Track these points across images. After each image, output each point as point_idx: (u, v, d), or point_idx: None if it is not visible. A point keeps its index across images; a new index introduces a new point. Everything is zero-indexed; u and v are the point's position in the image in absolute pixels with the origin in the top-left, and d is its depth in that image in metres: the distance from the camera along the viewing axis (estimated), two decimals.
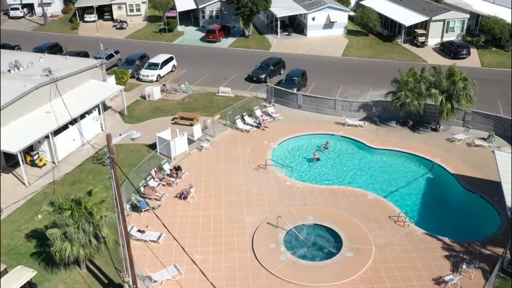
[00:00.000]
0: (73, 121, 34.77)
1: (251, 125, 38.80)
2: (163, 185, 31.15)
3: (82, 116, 36.10)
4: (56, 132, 33.49)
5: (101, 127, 38.34)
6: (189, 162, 34.24)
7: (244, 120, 39.40)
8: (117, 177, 19.17)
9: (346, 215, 27.99)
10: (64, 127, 34.50)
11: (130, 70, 49.98)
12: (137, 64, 51.38)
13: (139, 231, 26.40)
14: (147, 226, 27.30)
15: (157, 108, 42.84)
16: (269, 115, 40.58)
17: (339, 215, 28.02)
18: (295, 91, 43.85)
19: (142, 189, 29.95)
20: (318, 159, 34.50)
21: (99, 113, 38.02)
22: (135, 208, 28.87)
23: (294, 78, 46.05)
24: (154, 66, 50.05)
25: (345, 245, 25.55)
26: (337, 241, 26.03)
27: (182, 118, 39.64)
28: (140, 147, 36.02)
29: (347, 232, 26.50)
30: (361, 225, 27.16)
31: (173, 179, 31.50)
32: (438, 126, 38.01)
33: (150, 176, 31.19)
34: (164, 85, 46.41)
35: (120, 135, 20.43)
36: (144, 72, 49.63)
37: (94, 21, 72.78)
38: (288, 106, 42.64)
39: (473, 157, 34.16)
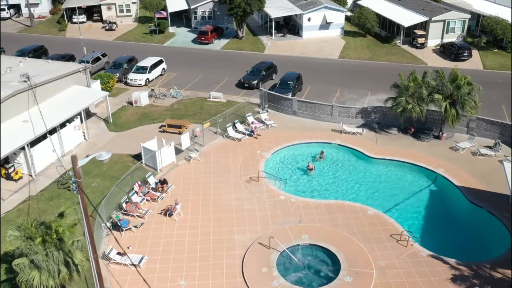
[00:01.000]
0: (52, 131, 32.54)
1: (243, 133, 36.63)
2: (147, 200, 28.94)
3: (63, 125, 33.88)
4: (34, 142, 31.22)
5: (84, 136, 36.10)
6: (177, 174, 32.04)
7: (235, 127, 37.23)
8: (85, 204, 16.95)
9: (344, 234, 25.84)
10: (43, 137, 32.24)
11: (118, 74, 47.76)
12: (125, 67, 49.13)
13: (118, 253, 24.16)
14: (128, 248, 25.07)
15: (144, 114, 40.61)
16: (262, 122, 38.42)
17: (336, 233, 25.87)
18: (289, 96, 41.74)
19: (124, 205, 27.73)
20: (312, 169, 32.42)
21: (81, 121, 35.77)
22: (116, 226, 26.63)
23: (288, 82, 43.90)
24: (142, 69, 47.81)
25: (344, 269, 23.40)
26: (335, 264, 23.88)
27: (170, 126, 37.44)
28: (124, 158, 33.79)
29: (345, 253, 24.36)
30: (360, 245, 25.02)
31: (158, 194, 29.30)
32: (441, 133, 35.93)
33: (133, 191, 28.96)
34: (152, 90, 44.17)
35: (87, 156, 18.33)
36: (132, 76, 47.39)
37: (83, 22, 70.70)
38: (283, 112, 40.50)
39: (479, 167, 32.10)
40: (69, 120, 34.62)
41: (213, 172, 32.10)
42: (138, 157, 33.10)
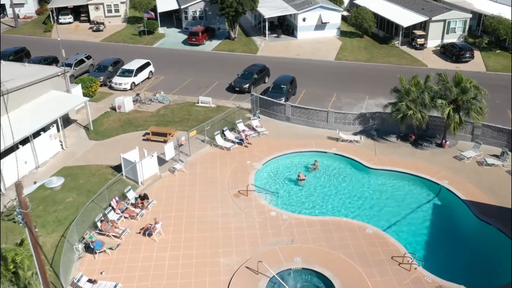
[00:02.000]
0: (26, 140, 30.06)
1: (233, 142, 34.20)
2: (125, 217, 26.45)
3: (38, 134, 31.39)
4: (3, 154, 28.69)
5: (61, 145, 33.59)
6: (159, 187, 29.58)
7: (224, 135, 34.79)
8: (34, 240, 14.46)
9: (340, 256, 23.43)
10: (16, 147, 29.71)
11: (102, 77, 45.23)
12: (110, 70, 46.60)
13: (89, 281, 21.68)
14: (101, 273, 22.60)
15: (128, 121, 38.11)
16: (253, 129, 36.01)
17: (332, 256, 23.46)
18: (283, 100, 39.34)
19: (99, 224, 25.24)
20: (303, 180, 30.06)
21: (58, 130, 33.25)
22: (89, 248, 24.13)
23: (282, 85, 41.48)
24: (128, 73, 45.29)
25: None
26: None
27: (154, 134, 34.96)
28: (104, 169, 31.30)
29: (342, 278, 21.94)
30: (358, 269, 22.61)
31: (137, 211, 26.82)
32: (444, 141, 33.58)
33: (110, 208, 26.49)
34: (137, 94, 41.68)
35: (35, 183, 15.87)
36: (116, 79, 44.86)
37: (70, 22, 68.20)
38: (275, 118, 38.10)
39: (486, 179, 29.78)
40: (45, 129, 32.15)
41: (199, 185, 29.66)
42: (118, 168, 30.61)
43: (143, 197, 27.44)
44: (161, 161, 31.51)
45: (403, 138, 34.75)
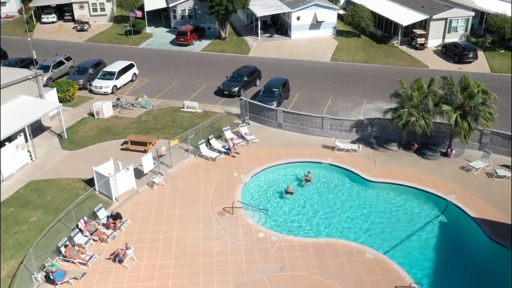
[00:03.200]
0: None
1: (219, 151, 31.27)
2: (94, 240, 23.48)
3: (3, 144, 28.43)
4: None
5: (30, 156, 30.58)
6: (135, 204, 26.61)
7: (210, 144, 31.86)
8: None
9: (336, 287, 20.52)
10: None
11: (81, 80, 42.25)
12: (90, 73, 43.58)
13: None
14: None
15: (106, 128, 35.11)
16: (241, 136, 33.08)
17: (327, 286, 20.55)
18: (274, 105, 36.43)
19: (62, 249, 22.27)
20: (291, 193, 27.22)
21: (27, 139, 30.24)
22: (50, 278, 21.16)
23: (274, 89, 38.54)
24: (109, 75, 42.29)
25: None
26: None
27: (133, 143, 31.98)
28: (75, 184, 28.32)
29: None
30: None
31: (108, 232, 23.86)
32: (449, 150, 30.74)
33: (77, 229, 23.52)
34: (118, 99, 38.68)
35: None
36: (97, 82, 41.85)
37: (53, 22, 65.16)
38: (266, 125, 35.20)
39: (497, 192, 26.96)
40: (11, 138, 29.17)
41: (180, 201, 26.70)
42: (92, 182, 27.63)
43: (116, 217, 24.48)
44: (139, 174, 28.57)
45: (404, 146, 31.92)
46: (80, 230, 23.61)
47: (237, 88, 40.57)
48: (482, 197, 26.59)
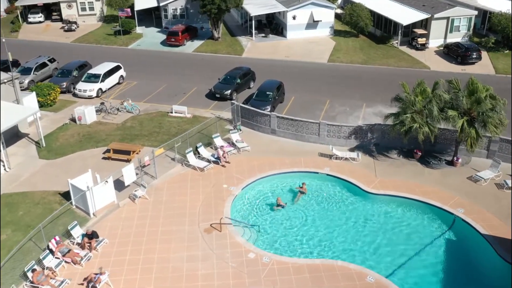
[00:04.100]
0: None
1: (208, 160, 29.08)
2: (66, 262, 21.26)
3: None
4: None
5: (3, 166, 28.31)
6: (115, 220, 24.39)
7: (198, 153, 29.65)
8: None
9: None
10: None
11: (64, 83, 40.01)
12: (74, 75, 41.31)
13: None
14: None
15: (88, 135, 32.88)
16: (233, 144, 30.90)
17: None
18: (268, 109, 34.28)
19: (29, 274, 20.04)
20: (282, 206, 25.09)
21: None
22: None
23: (267, 92, 36.33)
24: (94, 78, 40.02)
25: None
26: None
27: (116, 151, 29.77)
28: (51, 197, 26.10)
29: None
30: None
31: (83, 253, 21.64)
32: (455, 158, 28.60)
33: (47, 251, 21.30)
34: (102, 103, 36.46)
35: None
36: (81, 86, 39.56)
37: (40, 22, 62.86)
38: (259, 131, 33.03)
39: (508, 206, 24.81)
40: None
41: (164, 216, 24.49)
42: (69, 195, 25.38)
43: (91, 236, 22.25)
44: (121, 186, 26.35)
45: (407, 154, 29.79)
46: (51, 251, 21.39)
47: (229, 91, 38.39)
48: (492, 211, 24.49)
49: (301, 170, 28.30)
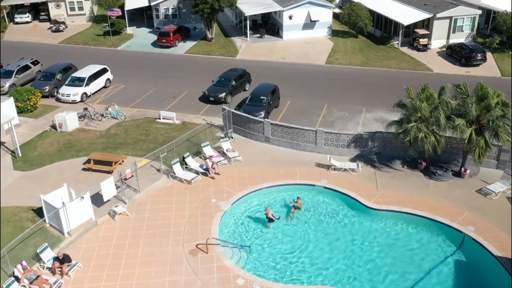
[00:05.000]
0: None
1: (196, 172, 26.92)
2: None
3: None
4: None
5: None
6: (92, 240, 22.21)
7: (185, 164, 27.48)
8: None
9: None
10: None
11: (47, 87, 37.82)
12: (58, 78, 39.11)
13: None
14: None
15: (69, 143, 30.71)
16: (223, 153, 28.75)
17: None
18: (262, 115, 32.19)
19: None
20: (272, 220, 22.97)
21: None
22: None
23: (261, 97, 34.17)
24: (78, 81, 37.83)
25: None
26: None
27: (96, 162, 27.59)
28: (23, 214, 23.92)
29: None
30: None
31: (52, 280, 19.45)
32: (463, 169, 26.49)
33: (11, 278, 19.12)
34: (85, 108, 34.28)
35: None
36: (64, 90, 37.37)
37: (28, 22, 60.64)
38: (252, 138, 30.90)
39: None
40: None
41: (145, 236, 22.33)
42: (43, 211, 23.20)
43: (63, 260, 20.05)
44: (100, 201, 24.17)
45: (410, 164, 27.67)
46: (17, 278, 19.21)
47: (224, 94, 36.33)
48: (505, 228, 22.37)
49: (296, 183, 26.17)
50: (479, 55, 43.89)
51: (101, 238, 22.26)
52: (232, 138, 30.66)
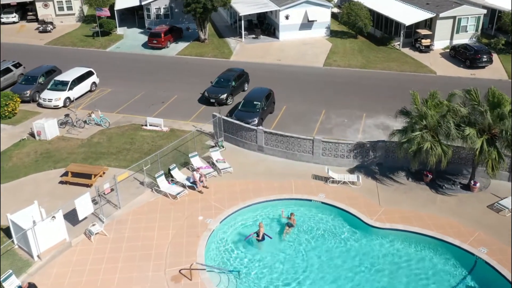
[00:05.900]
0: None
1: (182, 185, 24.78)
2: None
3: None
4: None
5: None
6: (64, 264, 20.05)
7: (171, 176, 25.32)
8: None
9: None
10: None
11: (28, 91, 35.67)
12: (40, 82, 36.93)
13: None
14: None
15: (47, 153, 28.54)
16: (212, 164, 26.62)
17: None
18: (256, 121, 30.09)
19: None
20: (262, 239, 20.91)
21: None
22: None
23: (255, 102, 32.04)
24: (61, 85, 35.66)
25: None
26: None
27: (75, 174, 25.43)
28: None
29: None
30: None
31: None
32: (472, 183, 24.37)
33: None
34: (67, 115, 32.11)
35: None
36: (46, 94, 35.20)
37: (14, 22, 58.43)
38: (244, 147, 28.77)
39: None
40: None
41: (124, 259, 20.17)
42: (10, 232, 21.04)
43: None
44: (76, 219, 22.00)
45: (415, 176, 25.57)
46: None
47: (225, 95, 34.61)
48: None
49: (291, 197, 24.04)
50: (484, 56, 41.80)
51: (74, 263, 20.09)
52: (223, 147, 28.53)
